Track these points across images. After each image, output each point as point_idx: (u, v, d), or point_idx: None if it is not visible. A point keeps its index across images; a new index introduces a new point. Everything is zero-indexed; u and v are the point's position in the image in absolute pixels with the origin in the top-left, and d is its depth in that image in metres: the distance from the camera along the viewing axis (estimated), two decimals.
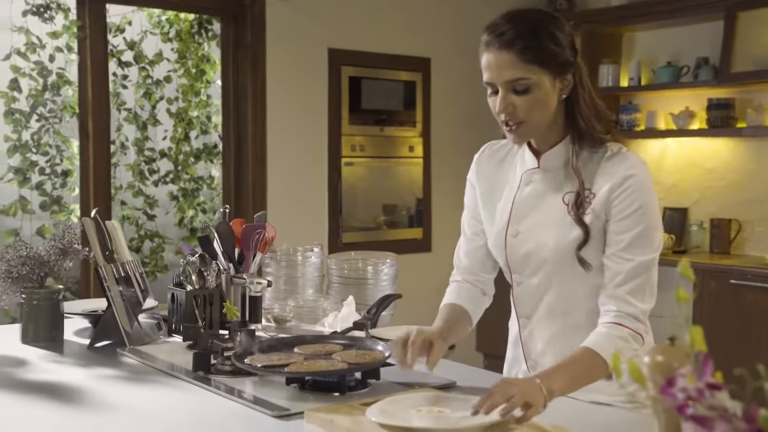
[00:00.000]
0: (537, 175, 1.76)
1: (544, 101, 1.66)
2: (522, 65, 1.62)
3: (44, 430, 1.54)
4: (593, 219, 1.67)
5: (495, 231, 1.81)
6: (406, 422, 1.45)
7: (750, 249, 4.54)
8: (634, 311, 1.61)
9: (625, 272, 1.63)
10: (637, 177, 1.65)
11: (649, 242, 1.64)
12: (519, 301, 1.82)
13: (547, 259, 1.71)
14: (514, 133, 1.69)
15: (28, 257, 2.13)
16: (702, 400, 0.86)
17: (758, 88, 4.42)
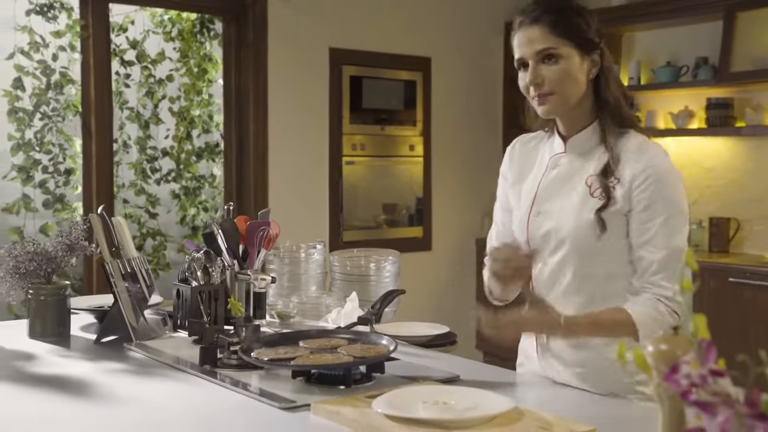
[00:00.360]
0: (564, 158, 1.84)
1: (573, 74, 1.74)
2: (551, 37, 1.73)
3: (58, 421, 1.56)
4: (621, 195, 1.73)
5: (520, 212, 1.88)
6: (412, 414, 1.47)
7: (749, 247, 4.57)
8: (670, 293, 1.67)
9: (657, 261, 1.70)
10: (659, 167, 1.73)
11: (678, 229, 1.72)
12: (537, 282, 1.86)
13: (565, 239, 1.77)
14: (543, 104, 1.77)
15: (35, 253, 2.15)
16: (705, 386, 0.89)
17: (757, 87, 4.45)
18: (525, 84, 1.78)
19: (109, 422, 1.56)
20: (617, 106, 1.77)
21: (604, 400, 1.71)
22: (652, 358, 0.99)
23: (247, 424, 1.57)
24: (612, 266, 1.76)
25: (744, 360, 0.85)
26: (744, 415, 0.84)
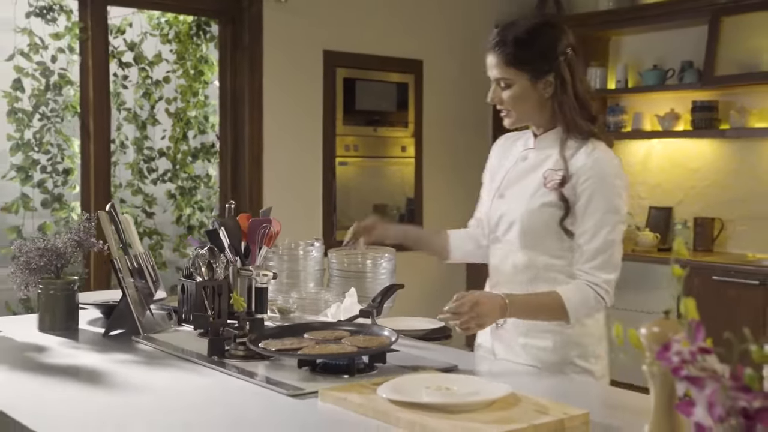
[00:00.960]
0: (531, 153, 2.09)
1: (523, 97, 2.00)
2: (504, 68, 2.00)
3: (76, 409, 1.62)
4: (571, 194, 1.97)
5: (489, 194, 2.16)
6: (416, 398, 1.55)
7: (732, 247, 4.68)
8: (599, 281, 1.93)
9: (591, 251, 1.94)
10: (604, 169, 1.95)
11: (612, 225, 1.94)
12: (492, 259, 2.12)
13: (515, 221, 2.03)
14: (505, 118, 2.07)
15: (45, 249, 2.21)
16: (694, 363, 0.97)
17: (741, 90, 4.56)
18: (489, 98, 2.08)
19: (127, 408, 1.63)
20: (572, 120, 1.99)
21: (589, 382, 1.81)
22: (645, 339, 1.07)
23: (259, 410, 1.64)
24: (554, 250, 2.00)
25: (729, 338, 0.94)
26: (729, 388, 0.93)
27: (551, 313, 1.94)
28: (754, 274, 4.09)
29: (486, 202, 2.16)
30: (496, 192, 2.11)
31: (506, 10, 5.51)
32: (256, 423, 1.56)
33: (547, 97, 1.99)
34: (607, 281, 1.94)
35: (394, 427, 1.48)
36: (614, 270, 1.95)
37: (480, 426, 1.44)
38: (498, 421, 1.46)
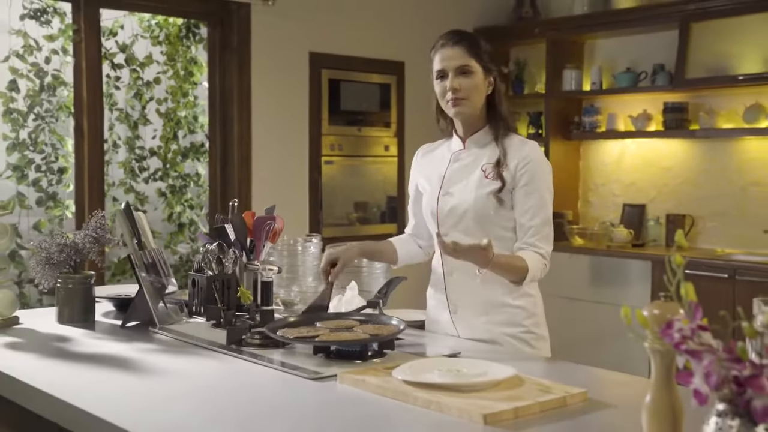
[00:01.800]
0: (464, 153, 2.37)
1: (479, 86, 2.29)
2: (467, 57, 2.28)
3: (113, 390, 1.75)
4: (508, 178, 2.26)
5: (429, 195, 2.40)
6: (430, 379, 1.69)
7: (702, 242, 4.90)
8: (543, 252, 2.25)
9: (534, 227, 2.25)
10: (536, 157, 2.28)
11: (547, 204, 2.28)
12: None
13: (467, 211, 2.29)
14: (457, 106, 2.29)
15: (65, 245, 2.32)
16: (693, 339, 1.13)
17: (710, 93, 4.77)
18: (443, 90, 2.30)
19: (158, 390, 1.76)
20: (506, 118, 2.34)
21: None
22: (650, 320, 1.23)
23: (281, 391, 1.77)
24: (501, 232, 2.27)
25: (724, 315, 1.10)
26: (723, 359, 1.09)
27: (516, 272, 2.21)
28: (723, 267, 4.30)
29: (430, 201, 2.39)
30: (440, 192, 2.36)
31: (484, 15, 5.69)
32: (280, 403, 1.69)
33: (487, 94, 2.31)
34: (548, 252, 2.26)
35: (411, 405, 1.63)
36: (551, 243, 2.29)
37: (491, 403, 1.58)
38: (507, 399, 1.62)
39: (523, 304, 2.30)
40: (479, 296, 2.28)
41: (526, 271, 2.20)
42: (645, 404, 1.25)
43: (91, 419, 1.57)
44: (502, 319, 2.28)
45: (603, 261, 4.81)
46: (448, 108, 2.32)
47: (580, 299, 4.79)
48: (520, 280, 2.23)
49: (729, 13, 4.51)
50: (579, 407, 1.64)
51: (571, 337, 4.43)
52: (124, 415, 1.55)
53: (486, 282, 2.25)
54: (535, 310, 2.34)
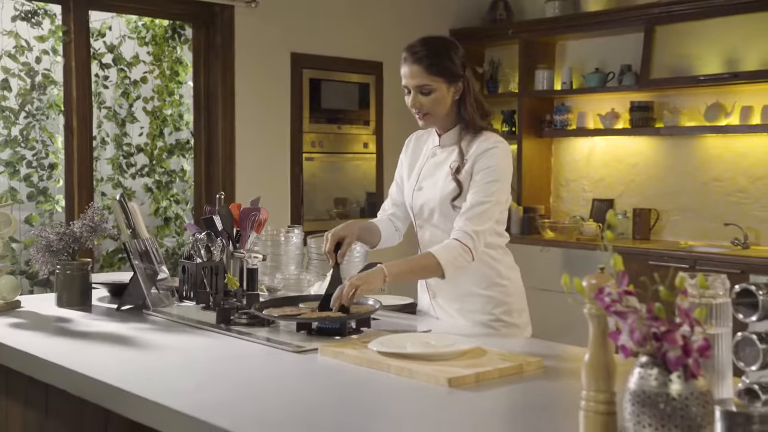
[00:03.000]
0: (438, 150, 2.47)
1: (441, 101, 2.36)
2: (427, 75, 2.33)
3: (112, 362, 1.92)
4: (465, 177, 2.35)
5: (408, 187, 2.52)
6: (402, 350, 1.89)
7: (667, 235, 5.13)
8: (468, 230, 2.28)
9: (468, 207, 2.31)
10: (495, 149, 2.34)
11: (491, 190, 2.31)
12: (422, 241, 2.49)
13: (435, 208, 2.40)
14: (422, 120, 2.42)
15: (64, 233, 2.49)
16: (621, 302, 1.33)
17: (673, 92, 5.00)
18: (409, 104, 2.39)
19: (152, 361, 1.95)
20: (472, 120, 2.38)
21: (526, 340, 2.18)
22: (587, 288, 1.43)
23: (267, 363, 1.95)
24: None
25: (644, 280, 1.30)
26: (644, 318, 1.29)
27: (428, 271, 2.29)
28: (685, 258, 4.53)
29: (407, 193, 2.51)
30: (415, 186, 2.48)
31: (459, 17, 5.89)
32: (266, 371, 1.88)
33: (455, 100, 2.37)
34: (476, 232, 2.27)
35: (385, 373, 1.82)
36: (484, 223, 2.29)
37: (456, 369, 1.78)
38: (470, 366, 1.81)
39: (493, 293, 2.42)
40: (454, 285, 2.39)
41: (439, 267, 2.25)
42: (584, 362, 1.44)
43: (97, 385, 1.75)
44: (473, 307, 2.42)
45: (573, 253, 5.02)
46: (416, 118, 2.41)
47: (552, 290, 4.97)
48: (439, 275, 2.27)
49: (691, 17, 4.74)
50: (535, 373, 1.84)
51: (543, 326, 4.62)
52: (126, 381, 1.73)
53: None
54: (508, 299, 2.44)
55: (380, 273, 2.23)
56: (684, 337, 1.25)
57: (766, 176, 4.71)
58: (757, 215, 4.75)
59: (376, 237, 2.57)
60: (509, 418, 1.62)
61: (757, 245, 4.70)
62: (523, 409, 1.67)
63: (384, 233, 2.58)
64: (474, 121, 2.39)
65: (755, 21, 4.50)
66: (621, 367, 1.42)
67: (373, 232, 2.56)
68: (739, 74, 4.51)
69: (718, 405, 1.24)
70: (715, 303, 1.46)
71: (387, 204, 2.66)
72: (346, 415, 1.56)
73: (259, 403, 1.61)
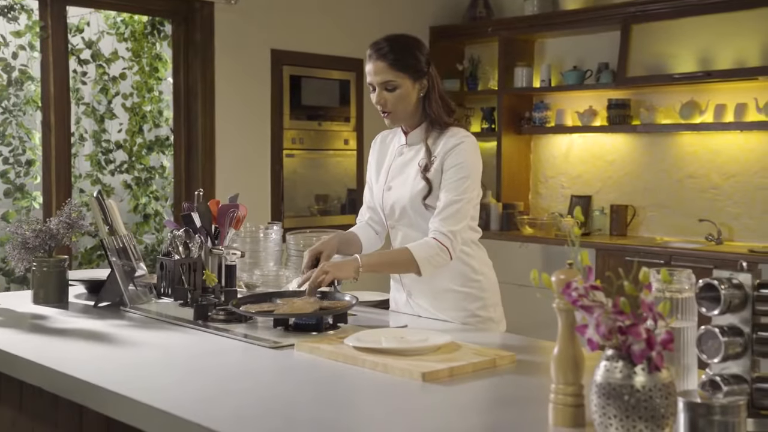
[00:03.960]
0: (405, 149, 2.49)
1: (406, 98, 2.36)
2: (391, 72, 2.34)
3: (89, 359, 1.93)
4: (435, 175, 2.36)
5: (377, 188, 2.52)
6: (377, 345, 1.91)
7: (643, 231, 5.19)
8: (444, 231, 2.30)
9: (443, 205, 2.33)
10: (462, 144, 2.35)
11: (465, 188, 2.33)
12: (395, 241, 2.50)
13: (405, 206, 2.41)
14: (387, 118, 2.42)
15: (40, 230, 2.49)
16: (587, 296, 1.36)
17: (650, 90, 5.05)
18: (374, 102, 2.40)
19: (129, 358, 1.96)
20: (438, 117, 2.39)
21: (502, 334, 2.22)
22: (555, 284, 1.46)
23: (244, 359, 1.97)
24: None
25: (610, 275, 1.33)
26: (610, 312, 1.32)
27: (403, 266, 2.33)
28: (660, 254, 4.58)
29: (377, 194, 2.52)
30: (384, 186, 2.48)
31: (439, 15, 5.92)
32: (243, 367, 1.90)
33: (420, 97, 2.38)
34: (452, 232, 2.30)
35: (360, 368, 1.84)
36: (459, 222, 2.32)
37: (430, 364, 1.80)
38: (444, 361, 1.84)
39: (468, 289, 2.44)
40: (429, 283, 2.41)
41: (414, 262, 2.28)
42: (553, 355, 1.48)
43: (72, 381, 1.76)
44: (448, 304, 2.44)
45: (552, 249, 5.07)
46: (382, 116, 2.42)
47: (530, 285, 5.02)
48: (415, 271, 2.31)
49: (666, 16, 4.79)
50: (507, 367, 1.87)
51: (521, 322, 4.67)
52: (102, 377, 1.74)
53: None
54: (482, 294, 2.46)
55: (353, 263, 2.27)
56: (648, 330, 1.28)
57: (739, 173, 4.78)
58: (730, 211, 4.82)
59: (356, 247, 2.56)
60: (482, 411, 1.65)
61: (731, 241, 4.77)
62: (495, 402, 1.70)
63: (365, 241, 2.59)
64: (440, 118, 2.40)
65: (728, 20, 4.56)
66: (589, 361, 1.46)
67: (353, 243, 2.56)
68: (713, 73, 4.57)
69: (681, 396, 1.28)
70: (681, 297, 1.50)
71: (363, 209, 2.68)
72: (322, 409, 1.58)
73: (236, 399, 1.62)
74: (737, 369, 1.40)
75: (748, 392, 1.38)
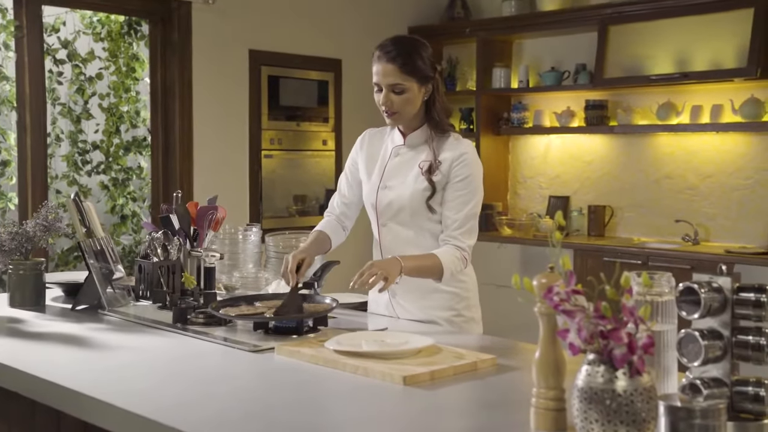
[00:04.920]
0: (403, 149, 2.50)
1: (412, 100, 2.40)
2: (400, 75, 2.37)
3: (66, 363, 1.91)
4: (440, 179, 2.40)
5: (370, 186, 2.53)
6: (357, 348, 1.91)
7: (621, 231, 5.23)
8: (464, 245, 2.39)
9: (459, 220, 2.39)
10: (469, 155, 2.41)
11: (475, 201, 2.41)
12: (384, 239, 2.51)
13: (404, 205, 2.44)
14: (391, 118, 2.44)
15: (17, 233, 2.46)
16: (569, 301, 1.36)
17: (627, 91, 5.09)
18: (379, 102, 2.41)
19: (107, 361, 1.94)
20: (440, 120, 2.44)
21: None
22: (536, 288, 1.46)
23: (224, 363, 1.96)
24: (432, 225, 2.42)
25: (591, 280, 1.33)
26: (591, 317, 1.32)
27: (432, 271, 2.36)
28: (637, 255, 4.62)
29: (369, 193, 2.52)
30: (379, 184, 2.49)
31: (418, 15, 5.92)
32: (223, 371, 1.89)
33: (424, 100, 2.42)
34: (470, 246, 2.40)
35: (341, 371, 1.84)
36: (474, 237, 2.43)
37: (411, 367, 1.80)
38: (425, 364, 1.84)
39: (455, 289, 2.48)
40: (415, 283, 2.42)
41: (442, 269, 2.34)
42: (534, 359, 1.48)
43: (49, 386, 1.74)
44: (435, 304, 2.46)
45: (531, 249, 5.09)
46: (385, 117, 2.44)
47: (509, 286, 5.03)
48: (438, 277, 2.36)
49: (643, 18, 4.83)
50: (488, 370, 1.87)
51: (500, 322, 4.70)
52: (79, 381, 1.72)
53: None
54: (467, 294, 2.51)
55: (397, 265, 2.28)
56: (629, 334, 1.29)
57: (715, 174, 4.83)
58: (706, 212, 4.87)
59: (327, 246, 2.60)
60: (463, 415, 1.65)
61: (707, 241, 4.81)
62: (476, 406, 1.70)
63: (333, 239, 2.62)
64: (442, 122, 2.45)
65: (704, 23, 4.60)
66: (571, 364, 1.46)
67: (324, 243, 2.59)
68: (689, 74, 4.61)
69: (662, 400, 1.28)
70: (661, 300, 1.51)
71: (336, 202, 2.68)
72: (303, 413, 1.58)
73: (216, 403, 1.61)
74: (717, 372, 1.41)
75: (727, 395, 1.39)
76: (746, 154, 4.71)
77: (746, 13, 4.40)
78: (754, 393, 1.39)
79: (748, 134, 4.68)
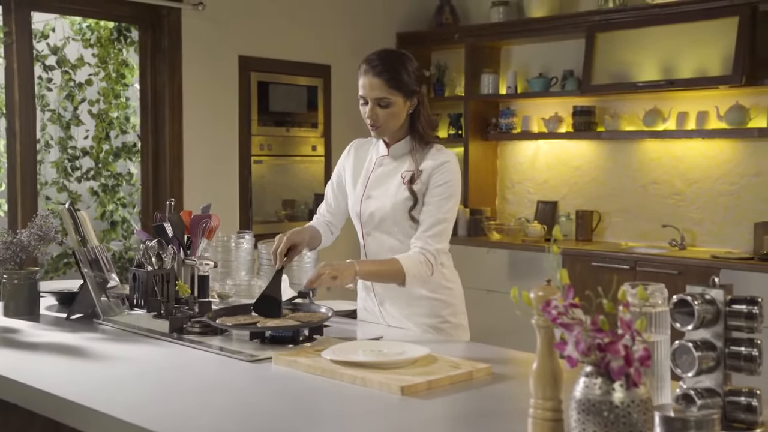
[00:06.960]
0: (387, 160, 2.54)
1: (397, 114, 2.44)
2: (386, 89, 2.40)
3: (62, 373, 1.92)
4: (420, 187, 2.44)
5: (354, 196, 2.57)
6: (355, 358, 1.93)
7: (608, 236, 5.27)
8: (431, 248, 2.39)
9: (430, 224, 2.41)
10: (449, 164, 2.45)
11: (449, 207, 2.43)
12: (369, 248, 2.55)
13: (386, 215, 2.47)
14: (376, 131, 2.48)
15: (11, 243, 2.46)
16: (567, 314, 1.39)
17: (614, 98, 5.14)
18: (365, 114, 2.45)
19: (103, 372, 1.95)
20: (424, 133, 2.48)
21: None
22: (534, 300, 1.49)
23: (221, 373, 1.97)
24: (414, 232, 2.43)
25: (589, 294, 1.36)
26: (589, 330, 1.35)
27: (392, 276, 2.37)
28: (625, 259, 4.66)
29: (353, 204, 2.57)
30: (363, 195, 2.53)
31: (407, 21, 5.95)
32: (220, 381, 1.90)
33: (408, 113, 2.45)
34: (438, 250, 2.40)
35: (338, 381, 1.86)
36: (444, 241, 2.43)
37: (408, 377, 1.83)
38: (422, 374, 1.86)
39: (441, 296, 2.52)
40: (402, 290, 2.45)
41: (403, 274, 2.34)
42: (532, 371, 1.50)
43: (47, 397, 1.75)
44: (422, 311, 2.50)
45: (519, 254, 5.13)
46: (369, 128, 2.48)
47: (498, 291, 5.09)
48: (401, 282, 2.36)
49: (630, 25, 4.88)
50: (484, 380, 1.90)
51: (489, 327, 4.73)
52: (76, 392, 1.73)
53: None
54: (453, 301, 2.55)
55: (352, 267, 2.31)
56: (626, 347, 1.32)
57: (701, 179, 4.88)
58: (692, 217, 4.92)
59: (318, 241, 2.65)
60: (460, 425, 1.67)
61: (693, 246, 4.87)
62: (473, 415, 1.72)
63: (324, 237, 2.67)
64: (426, 134, 2.48)
65: (690, 30, 4.65)
66: (568, 375, 1.49)
67: (317, 238, 2.64)
68: (675, 81, 4.66)
69: (657, 410, 1.31)
70: (655, 311, 1.54)
71: (323, 209, 2.73)
72: (301, 424, 1.59)
73: (213, 413, 1.63)
74: (710, 383, 1.44)
75: (720, 405, 1.42)
76: (731, 159, 4.77)
77: (731, 21, 4.45)
78: (746, 403, 1.42)
79: (733, 140, 4.74)
